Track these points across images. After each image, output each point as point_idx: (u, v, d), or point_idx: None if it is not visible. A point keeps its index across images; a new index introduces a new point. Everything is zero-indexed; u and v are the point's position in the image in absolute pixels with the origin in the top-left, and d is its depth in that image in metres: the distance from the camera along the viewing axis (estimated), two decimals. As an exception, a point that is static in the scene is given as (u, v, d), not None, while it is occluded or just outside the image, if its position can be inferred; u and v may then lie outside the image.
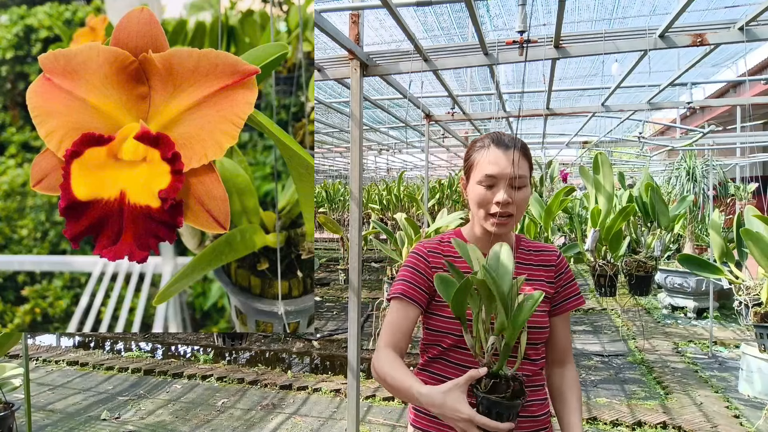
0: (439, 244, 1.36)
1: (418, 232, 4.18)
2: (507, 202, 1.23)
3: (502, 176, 1.24)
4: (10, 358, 4.90)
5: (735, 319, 6.29)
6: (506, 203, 1.23)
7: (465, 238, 1.36)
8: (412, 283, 1.30)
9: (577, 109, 6.26)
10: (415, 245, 1.34)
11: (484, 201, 1.26)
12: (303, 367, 5.15)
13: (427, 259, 1.32)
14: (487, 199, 1.25)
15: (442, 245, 1.36)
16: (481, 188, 1.26)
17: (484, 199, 1.26)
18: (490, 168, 1.25)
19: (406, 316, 1.28)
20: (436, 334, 1.29)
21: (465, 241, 1.35)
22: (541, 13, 3.83)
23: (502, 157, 1.26)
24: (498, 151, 1.27)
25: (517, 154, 1.26)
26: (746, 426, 3.62)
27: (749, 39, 2.94)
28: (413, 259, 1.34)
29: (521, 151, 1.27)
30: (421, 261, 1.32)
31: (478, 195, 1.27)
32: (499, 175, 1.24)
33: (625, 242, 3.73)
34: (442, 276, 1.18)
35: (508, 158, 1.25)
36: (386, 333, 1.28)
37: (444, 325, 1.28)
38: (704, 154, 6.49)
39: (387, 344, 1.26)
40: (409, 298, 1.28)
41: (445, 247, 1.35)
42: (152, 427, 3.73)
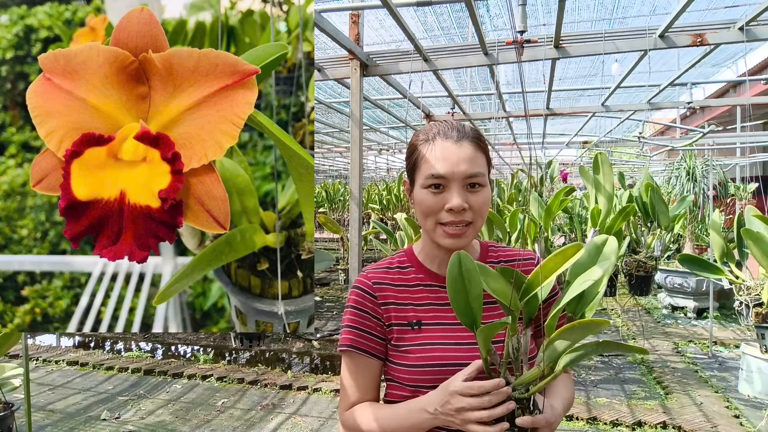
0: (386, 272, 1.09)
1: (418, 232, 4.18)
2: (462, 207, 0.98)
3: (453, 176, 0.98)
4: (10, 358, 4.90)
5: (735, 319, 6.29)
6: (461, 209, 0.98)
7: (417, 258, 1.11)
8: (362, 330, 1.05)
9: (577, 109, 6.27)
10: (357, 277, 1.11)
11: (432, 208, 1.00)
12: (303, 367, 5.15)
13: (373, 295, 1.06)
14: (437, 205, 0.99)
15: (390, 273, 1.09)
16: (428, 193, 1.00)
17: (433, 206, 1.00)
18: (437, 166, 0.99)
19: (366, 370, 1.06)
20: (404, 387, 1.03)
21: (417, 261, 1.10)
22: (541, 13, 3.83)
23: (453, 152, 0.99)
24: (446, 143, 1.00)
25: (470, 147, 1.01)
26: (746, 426, 3.62)
27: (749, 39, 2.95)
28: (356, 296, 1.07)
29: (475, 142, 1.02)
30: (367, 299, 1.06)
31: (424, 201, 1.00)
32: (449, 175, 0.98)
33: (625, 242, 3.73)
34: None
35: (460, 153, 0.99)
36: (348, 393, 1.07)
37: (409, 377, 1.02)
38: (704, 154, 6.50)
39: (355, 402, 1.06)
40: (362, 350, 1.05)
41: (394, 275, 1.09)
42: (152, 427, 3.73)
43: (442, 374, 0.97)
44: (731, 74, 5.88)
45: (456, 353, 1.00)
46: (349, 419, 1.05)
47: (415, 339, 1.03)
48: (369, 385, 1.06)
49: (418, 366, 1.01)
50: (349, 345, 1.05)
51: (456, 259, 0.92)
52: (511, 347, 0.94)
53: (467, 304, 0.92)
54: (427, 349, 1.02)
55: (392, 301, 1.06)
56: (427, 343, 1.02)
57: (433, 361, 1.00)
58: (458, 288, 0.92)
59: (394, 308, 1.06)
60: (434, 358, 1.00)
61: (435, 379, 0.98)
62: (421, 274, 1.09)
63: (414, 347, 1.03)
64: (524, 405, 0.92)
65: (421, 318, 1.04)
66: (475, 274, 0.91)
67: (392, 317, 1.06)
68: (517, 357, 0.94)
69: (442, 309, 1.05)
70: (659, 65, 4.72)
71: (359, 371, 1.06)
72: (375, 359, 1.06)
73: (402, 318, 1.05)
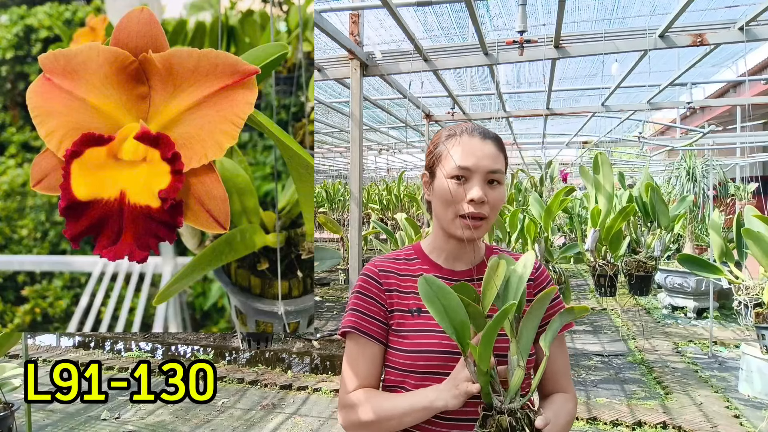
0: (393, 262, 1.14)
1: (418, 232, 4.18)
2: (482, 200, 1.04)
3: (477, 169, 1.05)
4: (10, 358, 4.90)
5: (735, 319, 6.29)
6: (481, 201, 1.04)
7: (425, 253, 1.15)
8: (365, 314, 1.09)
9: (577, 109, 6.27)
10: (366, 265, 1.16)
11: (454, 198, 1.05)
12: (303, 367, 5.15)
13: (379, 281, 1.10)
14: (459, 195, 1.05)
15: (397, 263, 1.14)
16: (452, 183, 1.05)
17: (456, 196, 1.05)
18: (465, 159, 1.05)
19: (365, 354, 1.08)
20: (398, 373, 1.07)
21: (423, 254, 1.15)
22: (541, 13, 3.83)
23: (478, 147, 1.07)
24: (473, 140, 1.08)
25: (494, 146, 1.08)
26: (746, 426, 3.62)
27: (749, 39, 2.95)
28: (363, 282, 1.12)
29: (497, 143, 1.10)
30: (374, 285, 1.10)
31: (447, 191, 1.05)
32: (474, 168, 1.05)
33: (625, 242, 3.72)
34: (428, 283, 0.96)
35: (484, 149, 1.07)
36: (347, 378, 1.09)
37: (404, 362, 1.06)
38: (704, 154, 6.50)
39: (354, 388, 1.07)
40: (362, 332, 1.08)
41: (400, 266, 1.14)
42: (152, 427, 3.73)
43: (433, 360, 1.03)
44: (731, 74, 5.88)
45: (449, 341, 1.01)
46: (348, 402, 1.07)
47: (413, 325, 1.07)
48: (369, 370, 1.08)
49: (413, 351, 1.05)
50: (351, 326, 1.08)
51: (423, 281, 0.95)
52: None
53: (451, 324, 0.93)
54: (423, 335, 1.06)
55: (396, 289, 1.10)
56: (424, 329, 1.06)
57: (427, 347, 1.04)
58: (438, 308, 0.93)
59: (397, 295, 1.10)
60: (428, 345, 1.04)
61: (426, 365, 1.03)
62: (426, 265, 1.13)
63: (411, 333, 1.07)
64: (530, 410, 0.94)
65: (421, 306, 1.06)
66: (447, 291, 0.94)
67: (395, 303, 1.09)
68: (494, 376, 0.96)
69: None
70: (659, 65, 4.72)
71: (360, 354, 1.08)
72: (376, 342, 1.08)
73: (404, 305, 1.09)
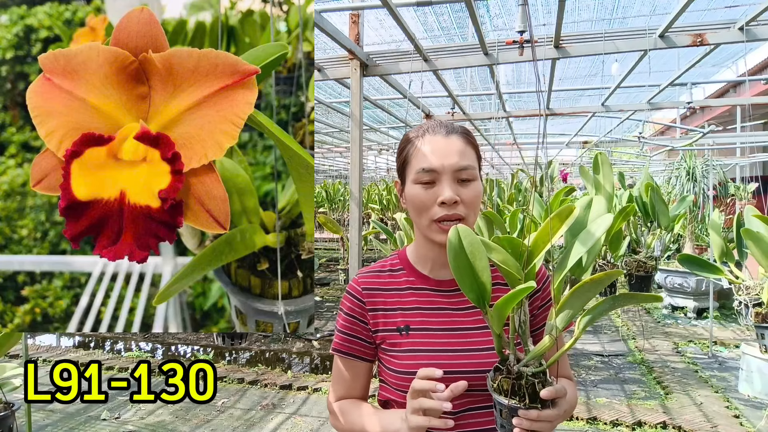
0: (377, 277, 1.10)
1: (418, 232, 4.18)
2: (454, 200, 0.97)
3: (443, 169, 0.99)
4: (10, 358, 4.90)
5: (735, 319, 6.29)
6: (453, 202, 0.97)
7: (409, 261, 1.11)
8: (348, 334, 1.09)
9: (577, 109, 6.27)
10: (351, 281, 1.14)
11: (425, 203, 0.99)
12: (303, 367, 5.15)
13: (362, 301, 1.08)
14: (430, 199, 0.99)
15: (381, 277, 1.10)
16: (420, 188, 1.00)
17: (426, 201, 0.99)
18: (428, 159, 0.99)
19: (350, 370, 1.11)
20: (392, 390, 1.06)
21: (408, 264, 1.11)
22: (541, 13, 3.83)
23: (442, 145, 1.00)
24: (436, 138, 1.01)
25: (460, 140, 1.02)
26: (746, 426, 3.62)
27: (749, 39, 2.95)
28: (346, 301, 1.11)
29: (464, 137, 1.04)
30: (356, 304, 1.09)
31: (416, 197, 1.00)
32: (440, 168, 0.99)
33: (625, 242, 3.72)
34: None
35: (450, 146, 1.00)
36: (332, 388, 1.13)
37: (396, 381, 1.04)
38: (704, 154, 6.49)
39: (336, 399, 1.12)
40: (345, 353, 1.09)
41: (385, 279, 1.10)
42: (152, 426, 3.73)
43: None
44: (731, 74, 5.88)
45: (442, 360, 1.00)
46: (331, 409, 1.13)
47: (402, 345, 1.04)
48: (355, 384, 1.12)
49: (404, 372, 1.02)
50: (336, 349, 1.11)
51: (455, 232, 0.88)
52: (518, 321, 0.91)
53: (474, 279, 0.88)
54: (414, 356, 1.02)
55: (381, 307, 1.08)
56: (415, 349, 1.03)
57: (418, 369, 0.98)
58: (462, 264, 0.87)
59: (382, 314, 1.07)
60: (419, 366, 0.97)
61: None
62: (412, 276, 1.10)
63: (401, 353, 1.04)
64: (541, 379, 0.89)
65: (409, 323, 1.05)
66: (479, 246, 0.87)
67: (380, 323, 1.07)
68: (524, 331, 0.92)
69: (430, 314, 1.06)
70: (659, 65, 4.72)
71: (346, 371, 1.12)
72: (362, 362, 1.10)
73: (390, 324, 1.07)
